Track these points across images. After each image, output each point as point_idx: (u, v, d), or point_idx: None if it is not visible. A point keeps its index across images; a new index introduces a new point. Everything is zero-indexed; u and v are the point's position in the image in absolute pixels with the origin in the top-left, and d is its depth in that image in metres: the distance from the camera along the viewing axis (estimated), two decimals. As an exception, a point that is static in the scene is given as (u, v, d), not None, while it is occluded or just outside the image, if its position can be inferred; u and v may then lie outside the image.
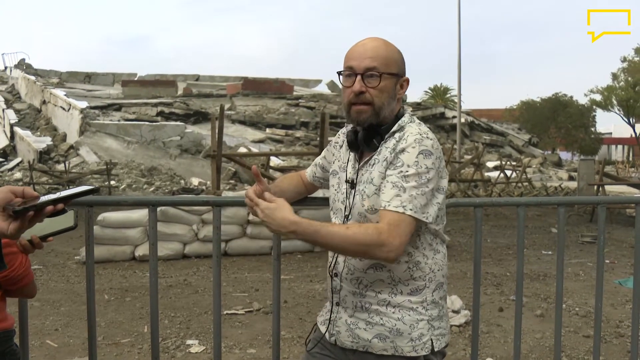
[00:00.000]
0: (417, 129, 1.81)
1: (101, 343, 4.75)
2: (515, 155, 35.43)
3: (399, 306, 1.82)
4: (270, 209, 1.68)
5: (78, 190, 1.39)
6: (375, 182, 1.79)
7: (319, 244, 1.72)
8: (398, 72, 1.83)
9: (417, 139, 1.75)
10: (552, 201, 3.05)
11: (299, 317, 5.63)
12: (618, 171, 30.67)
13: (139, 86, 37.56)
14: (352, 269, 1.86)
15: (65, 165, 20.11)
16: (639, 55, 48.45)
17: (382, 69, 1.79)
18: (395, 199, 1.69)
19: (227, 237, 8.64)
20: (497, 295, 6.49)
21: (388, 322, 1.82)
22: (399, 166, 1.73)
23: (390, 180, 1.73)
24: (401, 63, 1.85)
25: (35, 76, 36.02)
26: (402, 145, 1.76)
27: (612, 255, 8.89)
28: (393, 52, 1.84)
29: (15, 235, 1.31)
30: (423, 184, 1.71)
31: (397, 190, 1.70)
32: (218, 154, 11.12)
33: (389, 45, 1.84)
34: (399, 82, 1.84)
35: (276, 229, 1.68)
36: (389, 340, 1.82)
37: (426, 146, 1.74)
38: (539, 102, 48.42)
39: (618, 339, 5.07)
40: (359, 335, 1.86)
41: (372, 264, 1.82)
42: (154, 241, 2.31)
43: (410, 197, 1.69)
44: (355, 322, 1.87)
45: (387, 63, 1.81)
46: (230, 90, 39.04)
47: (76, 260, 8.15)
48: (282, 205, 1.69)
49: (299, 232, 1.65)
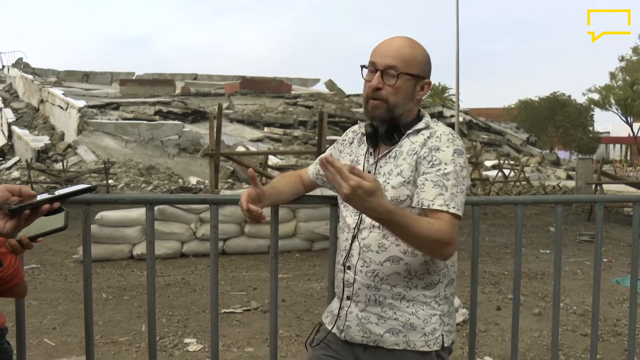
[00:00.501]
0: (447, 129, 1.84)
1: (99, 342, 4.75)
2: (513, 154, 35.44)
3: (413, 300, 1.83)
4: (365, 190, 1.51)
5: (75, 188, 1.38)
6: (405, 175, 1.79)
7: (402, 235, 1.67)
8: (419, 73, 1.83)
9: (449, 139, 1.79)
10: (549, 199, 3.05)
11: (296, 316, 5.63)
12: (616, 170, 30.71)
13: (137, 85, 37.56)
14: (368, 261, 1.84)
15: (63, 164, 20.10)
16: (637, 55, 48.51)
17: (402, 68, 1.80)
18: (439, 198, 1.71)
19: (225, 236, 8.64)
20: (495, 294, 6.49)
21: (402, 316, 1.82)
22: (436, 164, 1.75)
23: (429, 178, 1.73)
24: (424, 65, 1.85)
25: (33, 75, 36.00)
26: (434, 142, 1.78)
27: (610, 254, 8.90)
28: (417, 53, 1.84)
29: (12, 233, 1.31)
30: (460, 182, 1.75)
31: (439, 189, 1.72)
32: (216, 152, 11.12)
33: (415, 46, 1.85)
34: (419, 83, 1.85)
35: (363, 211, 1.59)
36: (402, 334, 1.82)
37: (458, 146, 1.79)
38: (537, 102, 48.46)
39: (615, 338, 5.08)
40: (371, 330, 1.85)
41: (389, 257, 1.81)
42: (152, 239, 2.31)
43: (452, 195, 1.72)
44: (367, 317, 1.86)
45: (408, 63, 1.81)
46: (228, 90, 39.04)
47: (74, 259, 8.14)
48: (377, 188, 1.54)
49: (390, 221, 1.60)
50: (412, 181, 1.78)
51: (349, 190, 1.51)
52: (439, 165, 1.74)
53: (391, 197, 1.79)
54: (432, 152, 1.77)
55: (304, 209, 9.08)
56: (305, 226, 9.06)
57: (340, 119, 33.25)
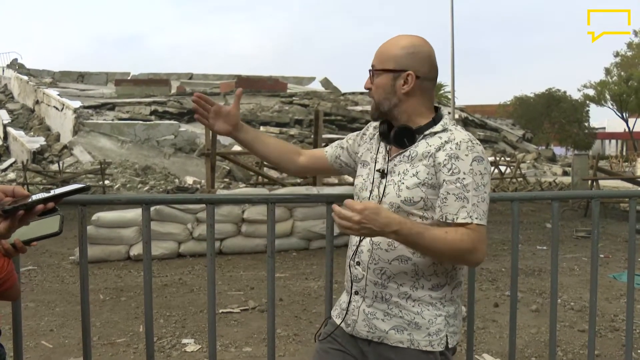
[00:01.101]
0: (465, 134, 1.81)
1: (96, 343, 4.74)
2: (509, 150, 35.49)
3: (419, 300, 1.83)
4: (372, 210, 1.64)
5: (69, 188, 1.37)
6: (420, 176, 1.78)
7: (418, 246, 1.73)
8: (395, 67, 1.82)
9: (469, 146, 1.77)
10: (545, 196, 3.06)
11: (294, 315, 5.63)
12: (612, 166, 30.75)
13: (132, 85, 37.46)
14: (376, 258, 1.85)
15: (59, 165, 20.05)
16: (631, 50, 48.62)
17: (377, 65, 1.84)
18: (462, 211, 1.72)
19: (222, 236, 8.63)
20: (493, 291, 6.50)
21: (407, 315, 1.83)
22: (456, 173, 1.74)
23: (451, 192, 1.74)
24: (402, 58, 1.82)
25: (28, 76, 35.87)
26: (453, 149, 1.76)
27: (607, 249, 8.92)
28: (394, 48, 1.84)
29: (6, 234, 1.30)
30: (481, 190, 1.75)
31: (461, 201, 1.73)
32: (212, 152, 11.11)
33: (397, 42, 1.85)
34: (399, 77, 1.83)
35: (380, 229, 1.65)
36: (407, 332, 1.82)
37: (478, 152, 1.77)
38: (533, 98, 48.57)
39: (613, 333, 5.09)
40: (376, 326, 1.86)
41: (398, 256, 1.82)
42: (148, 240, 2.31)
43: (474, 206, 1.73)
44: (374, 312, 1.87)
45: (382, 59, 1.84)
46: (223, 89, 38.99)
47: (71, 260, 8.13)
48: (380, 206, 1.71)
49: (403, 232, 1.67)
50: (427, 183, 1.78)
51: (358, 216, 1.62)
52: (458, 174, 1.74)
53: (405, 197, 1.79)
54: (451, 159, 1.75)
55: (300, 208, 9.08)
56: (302, 225, 9.06)
57: (336, 117, 33.23)
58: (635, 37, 48.08)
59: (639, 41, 48.20)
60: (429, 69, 1.84)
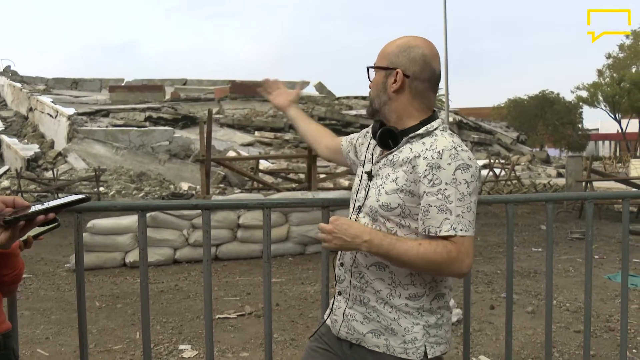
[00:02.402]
0: (450, 140, 1.75)
1: (93, 350, 4.73)
2: (503, 153, 35.56)
3: (395, 308, 1.82)
4: (344, 221, 1.76)
5: (69, 199, 1.39)
6: (399, 183, 1.76)
7: (391, 257, 1.73)
8: (388, 64, 1.82)
9: (452, 154, 1.70)
10: (539, 198, 3.07)
11: (291, 320, 5.63)
12: (605, 167, 30.84)
13: (126, 91, 37.40)
14: (356, 262, 1.87)
15: (53, 172, 20.00)
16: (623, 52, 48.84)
17: (375, 63, 1.88)
18: (445, 224, 1.68)
19: (217, 242, 8.62)
20: (489, 293, 6.51)
21: (384, 320, 1.83)
22: (437, 184, 1.69)
23: (433, 203, 1.69)
24: (395, 55, 1.82)
25: (21, 83, 35.79)
26: (433, 157, 1.72)
27: (601, 250, 8.95)
28: (390, 47, 1.85)
29: (7, 244, 1.31)
30: (466, 200, 1.70)
31: (444, 214, 1.68)
32: (207, 158, 11.10)
33: (394, 40, 1.87)
34: (390, 74, 1.82)
35: (351, 239, 1.72)
36: (383, 337, 1.82)
37: (463, 159, 1.71)
38: (527, 100, 48.76)
39: (608, 333, 5.11)
40: (355, 328, 1.87)
41: (376, 262, 1.82)
42: (144, 246, 2.31)
43: (458, 217, 1.68)
44: (353, 314, 1.88)
45: (380, 57, 1.87)
46: (218, 94, 38.97)
47: (66, 268, 8.11)
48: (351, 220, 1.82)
49: (374, 243, 1.71)
50: (405, 190, 1.75)
51: (330, 226, 1.75)
52: (439, 186, 1.69)
53: (383, 202, 1.78)
54: (432, 169, 1.70)
55: (296, 213, 9.08)
56: (298, 230, 9.06)
57: (330, 121, 33.24)
58: (627, 39, 48.32)
59: (630, 43, 48.45)
60: (421, 70, 1.81)
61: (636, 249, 9.03)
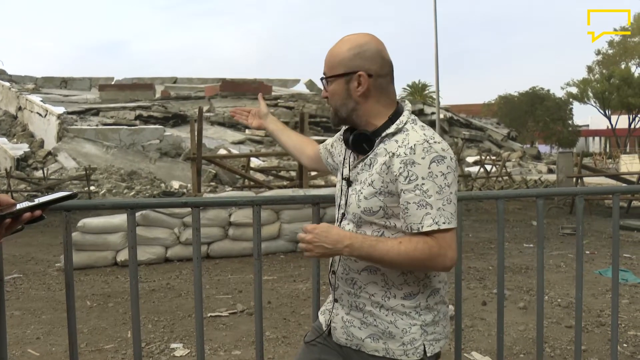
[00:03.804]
0: (422, 134, 1.72)
1: (84, 350, 4.70)
2: (494, 149, 35.71)
3: (392, 310, 1.81)
4: (323, 229, 1.72)
5: (56, 196, 1.39)
6: (375, 185, 1.74)
7: (374, 258, 1.72)
8: (345, 70, 1.77)
9: (425, 148, 1.67)
10: (530, 193, 3.07)
11: (283, 318, 5.62)
12: (596, 163, 31.03)
13: (116, 90, 37.30)
14: (347, 269, 1.85)
15: (43, 172, 19.91)
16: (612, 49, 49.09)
17: (327, 73, 1.82)
18: (427, 219, 1.66)
19: (209, 240, 8.60)
20: (480, 289, 6.53)
21: (381, 324, 1.82)
22: (413, 180, 1.67)
23: (411, 200, 1.67)
24: (351, 59, 1.77)
25: (10, 82, 35.59)
26: (406, 154, 1.69)
27: (592, 246, 8.99)
28: (340, 52, 1.78)
29: None
30: (445, 191, 1.67)
31: (424, 209, 1.66)
32: (198, 156, 11.08)
33: (341, 45, 1.80)
34: (352, 79, 1.77)
35: (332, 245, 1.70)
36: (382, 341, 1.82)
37: (437, 152, 1.68)
38: (517, 97, 48.97)
39: (599, 328, 5.13)
40: (353, 334, 1.86)
41: (367, 266, 1.81)
42: (133, 245, 2.29)
43: (439, 210, 1.66)
44: (351, 320, 1.87)
45: (331, 66, 1.80)
46: (208, 92, 38.91)
47: (57, 267, 8.06)
48: (330, 225, 1.76)
49: (355, 247, 1.69)
50: (384, 192, 1.73)
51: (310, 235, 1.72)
52: (416, 181, 1.66)
53: (364, 207, 1.77)
54: (407, 166, 1.68)
55: (287, 210, 9.07)
56: (289, 227, 9.05)
57: (321, 119, 33.27)
58: (617, 37, 48.57)
59: (619, 39, 48.70)
60: (381, 65, 1.78)
61: (626, 244, 9.08)
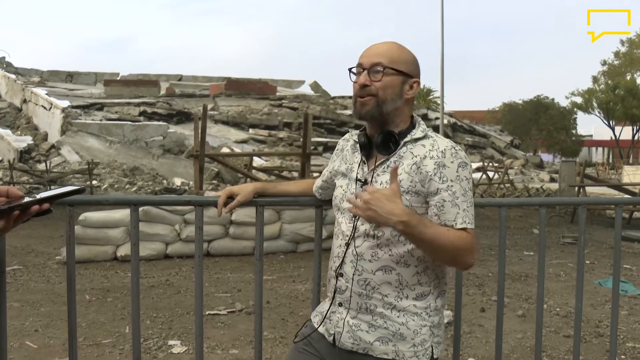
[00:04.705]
0: (447, 141, 1.83)
1: (82, 344, 4.71)
2: (497, 156, 35.68)
3: (403, 310, 1.82)
4: (382, 197, 1.65)
5: (63, 190, 1.40)
6: (404, 185, 1.77)
7: (424, 240, 1.70)
8: (406, 71, 1.83)
9: (453, 153, 1.78)
10: (534, 202, 3.08)
11: (281, 318, 5.62)
12: (598, 173, 30.97)
13: (121, 86, 37.34)
14: (360, 269, 1.84)
15: (46, 164, 19.95)
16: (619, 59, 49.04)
17: (387, 63, 1.80)
18: (459, 217, 1.75)
19: (209, 238, 8.61)
20: (479, 296, 6.52)
21: (392, 325, 1.82)
22: (445, 181, 1.75)
23: (446, 199, 1.75)
24: (411, 65, 1.85)
25: (16, 75, 35.67)
26: (438, 156, 1.77)
27: (592, 256, 8.98)
28: (404, 54, 1.85)
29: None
30: (468, 195, 1.78)
31: (457, 209, 1.75)
32: (201, 154, 11.07)
33: (402, 48, 1.87)
34: (407, 82, 1.84)
35: (385, 214, 1.64)
36: (391, 344, 1.81)
37: (461, 158, 1.79)
38: (521, 104, 48.91)
39: (597, 339, 5.12)
40: (361, 337, 1.85)
41: (382, 266, 1.81)
42: (136, 241, 2.29)
43: (464, 211, 1.76)
44: (358, 324, 1.86)
45: (394, 60, 1.82)
46: (213, 91, 38.93)
47: (57, 260, 8.08)
48: (396, 192, 1.68)
49: (411, 224, 1.65)
50: (411, 191, 1.77)
51: (367, 196, 1.65)
52: (447, 182, 1.75)
53: None
54: (440, 168, 1.76)
55: (288, 211, 9.08)
56: (290, 228, 9.06)
57: (325, 120, 33.29)
58: (623, 47, 48.53)
59: (626, 50, 48.67)
60: (419, 78, 1.90)
61: (627, 255, 9.07)
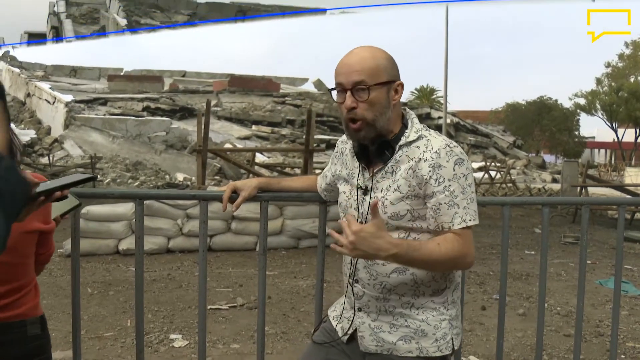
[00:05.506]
0: (441, 139, 1.81)
1: (84, 337, 4.72)
2: (499, 156, 35.64)
3: (422, 307, 1.84)
4: (366, 236, 1.62)
5: (78, 178, 1.53)
6: (402, 190, 1.78)
7: (415, 263, 1.74)
8: (388, 79, 1.78)
9: (447, 152, 1.76)
10: (536, 201, 3.08)
11: (282, 313, 5.64)
12: (600, 174, 30.93)
13: (125, 81, 37.41)
14: (374, 274, 1.85)
15: (49, 158, 19.99)
16: (623, 62, 48.96)
17: (370, 81, 1.75)
18: (456, 218, 1.75)
19: (211, 232, 8.62)
20: (480, 294, 6.53)
21: (413, 323, 1.84)
22: (441, 182, 1.75)
23: (442, 201, 1.75)
24: (391, 69, 1.80)
25: (20, 69, 35.71)
26: (433, 158, 1.76)
27: (594, 255, 8.98)
28: (380, 60, 1.78)
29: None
30: (468, 191, 1.77)
31: (454, 208, 1.75)
32: (203, 149, 11.09)
33: (375, 54, 1.79)
34: (391, 88, 1.80)
35: (374, 252, 1.64)
36: (414, 341, 1.83)
37: (457, 154, 1.77)
38: (524, 105, 48.82)
39: (598, 338, 5.13)
40: (384, 339, 1.86)
41: (395, 268, 1.82)
42: (140, 235, 2.31)
43: (464, 209, 1.75)
44: (380, 326, 1.87)
45: (374, 73, 1.75)
46: (216, 87, 38.96)
47: (59, 253, 8.09)
48: (380, 226, 1.65)
49: (399, 255, 1.67)
50: (410, 195, 1.78)
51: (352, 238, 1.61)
52: (444, 183, 1.74)
53: (391, 212, 1.79)
54: (435, 170, 1.75)
55: (290, 207, 9.09)
56: (292, 224, 9.07)
57: (328, 118, 33.29)
58: (627, 49, 48.43)
59: (630, 52, 48.56)
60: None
61: (628, 255, 9.07)
